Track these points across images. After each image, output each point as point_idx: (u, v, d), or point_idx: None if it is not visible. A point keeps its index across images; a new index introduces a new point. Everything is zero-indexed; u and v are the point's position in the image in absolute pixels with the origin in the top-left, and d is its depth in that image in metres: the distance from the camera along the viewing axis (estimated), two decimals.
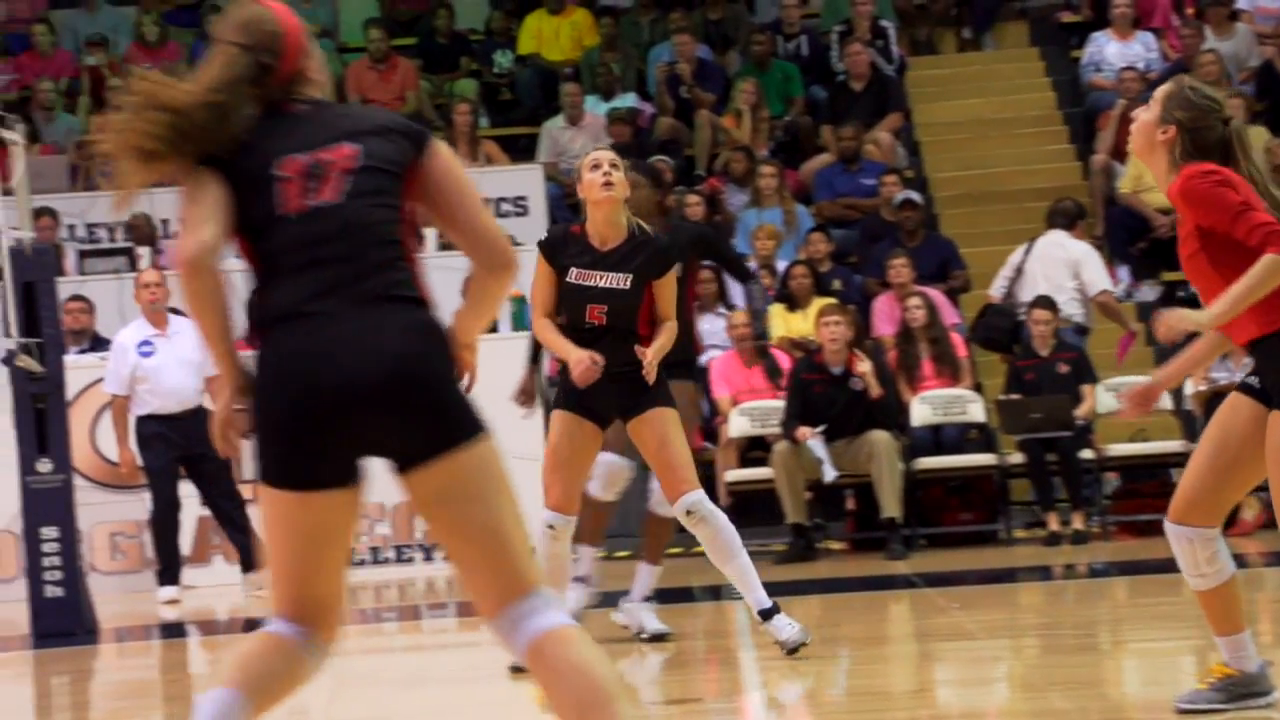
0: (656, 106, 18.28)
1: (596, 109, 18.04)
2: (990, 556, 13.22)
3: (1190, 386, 13.72)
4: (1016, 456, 13.91)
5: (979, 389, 14.52)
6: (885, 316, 14.94)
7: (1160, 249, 15.78)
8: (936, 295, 14.81)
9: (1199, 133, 6.16)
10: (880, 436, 13.37)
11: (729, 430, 14.07)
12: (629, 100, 18.23)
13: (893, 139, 17.78)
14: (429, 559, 13.95)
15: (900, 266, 14.82)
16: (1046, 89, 18.91)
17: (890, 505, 13.34)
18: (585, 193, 8.29)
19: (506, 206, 16.68)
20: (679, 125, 17.97)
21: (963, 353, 14.50)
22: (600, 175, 8.23)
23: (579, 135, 17.49)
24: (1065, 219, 15.08)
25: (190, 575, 13.52)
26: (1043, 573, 12.45)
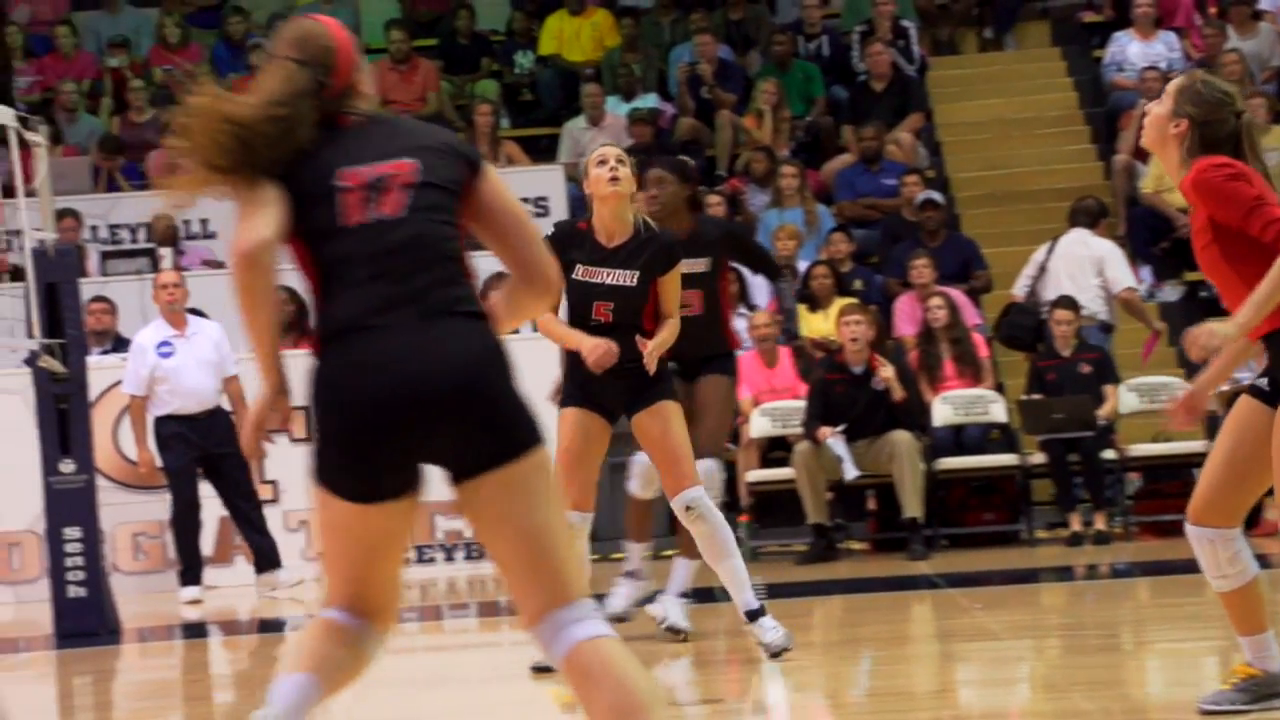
0: (677, 107, 18.28)
1: (617, 109, 18.04)
2: (1012, 557, 13.19)
3: None
4: (1038, 457, 13.89)
5: (1000, 389, 14.50)
6: (907, 317, 14.92)
7: (1182, 249, 15.69)
8: (958, 295, 14.79)
9: (1210, 126, 6.17)
10: (902, 437, 13.35)
11: (750, 430, 14.06)
12: (650, 101, 18.22)
13: (914, 139, 17.76)
14: (450, 559, 13.97)
15: (922, 267, 14.83)
16: (1068, 89, 18.87)
17: (912, 505, 13.33)
18: (591, 188, 8.27)
19: (527, 207, 16.66)
20: (700, 126, 17.97)
21: (984, 353, 14.48)
22: (606, 171, 8.19)
23: (600, 136, 17.47)
24: (1088, 217, 15.06)
25: (212, 575, 13.54)
26: (1065, 573, 12.43)
